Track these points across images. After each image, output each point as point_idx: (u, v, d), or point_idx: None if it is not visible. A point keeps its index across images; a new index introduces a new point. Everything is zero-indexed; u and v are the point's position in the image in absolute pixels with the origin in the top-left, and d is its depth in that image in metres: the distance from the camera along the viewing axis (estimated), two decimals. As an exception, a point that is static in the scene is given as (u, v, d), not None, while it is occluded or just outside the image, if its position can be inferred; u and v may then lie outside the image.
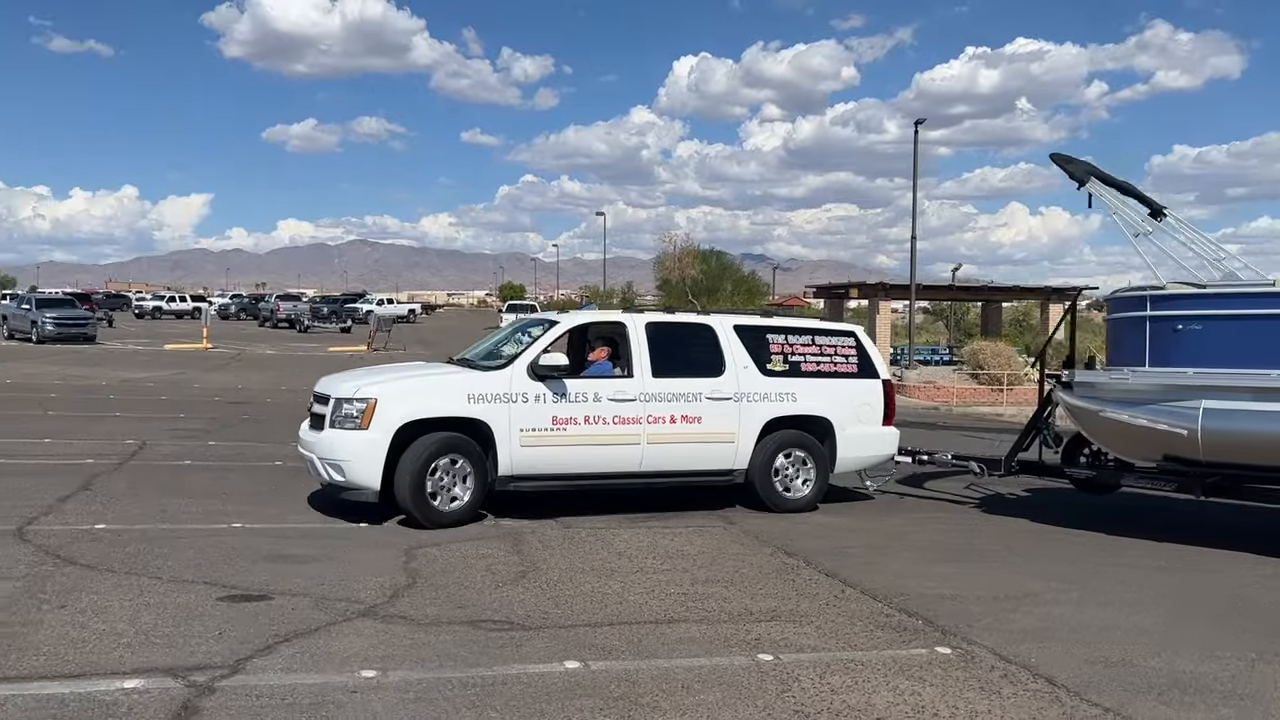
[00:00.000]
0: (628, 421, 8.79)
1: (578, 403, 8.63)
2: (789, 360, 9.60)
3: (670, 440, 8.93)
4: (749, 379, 9.30)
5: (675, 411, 8.95)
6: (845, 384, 9.77)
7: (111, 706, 4.26)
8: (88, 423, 14.14)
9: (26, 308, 37.75)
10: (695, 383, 9.09)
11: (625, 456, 8.84)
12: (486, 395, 8.39)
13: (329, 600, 5.99)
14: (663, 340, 9.18)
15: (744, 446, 9.24)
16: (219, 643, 5.14)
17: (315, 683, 4.64)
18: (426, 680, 4.73)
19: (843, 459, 9.71)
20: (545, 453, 8.56)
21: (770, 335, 9.63)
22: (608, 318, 9.97)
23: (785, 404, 9.40)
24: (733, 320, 9.73)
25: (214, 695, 4.44)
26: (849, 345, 9.96)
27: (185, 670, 4.71)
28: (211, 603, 5.85)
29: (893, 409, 10.03)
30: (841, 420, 9.61)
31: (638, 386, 8.86)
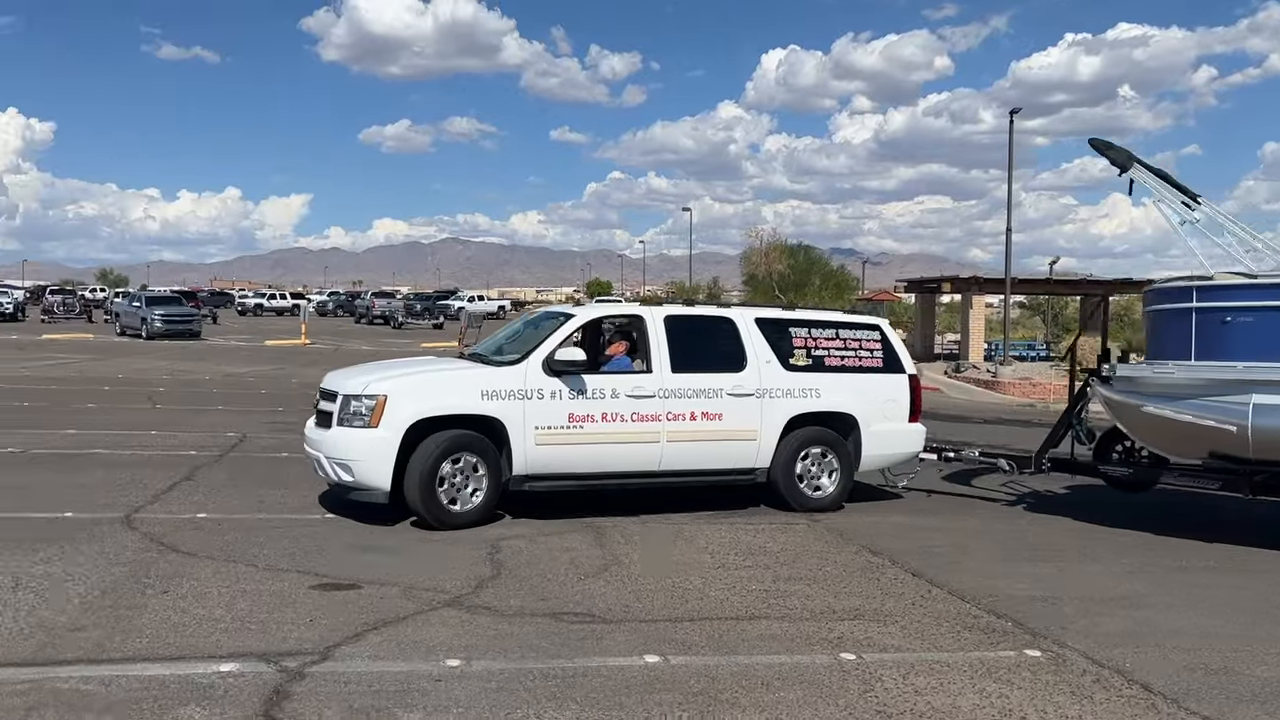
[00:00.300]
0: (646, 419, 8.49)
1: (595, 399, 8.33)
2: (812, 355, 9.28)
3: (690, 438, 8.62)
4: (771, 374, 9.00)
5: (695, 408, 8.66)
6: (870, 379, 9.46)
7: (208, 689, 4.43)
8: (192, 415, 14.70)
9: (137, 305, 39.43)
10: (716, 378, 8.79)
11: (644, 455, 8.53)
12: (500, 391, 8.09)
13: (416, 590, 6.12)
14: (682, 334, 8.87)
15: (766, 444, 8.93)
16: (310, 630, 5.30)
17: (401, 670, 4.74)
18: (509, 670, 4.80)
19: (867, 457, 9.38)
20: (561, 451, 8.27)
21: (793, 329, 9.31)
22: (625, 311, 9.48)
23: (809, 400, 9.10)
24: (754, 313, 9.40)
25: (304, 681, 4.57)
26: (874, 339, 9.63)
27: (278, 656, 4.87)
28: (304, 590, 6.03)
29: (919, 405, 9.70)
30: (866, 417, 9.30)
31: (656, 382, 8.55)
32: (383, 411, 7.80)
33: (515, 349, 8.79)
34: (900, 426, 9.57)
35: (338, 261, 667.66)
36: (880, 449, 9.45)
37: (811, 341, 9.31)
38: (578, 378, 8.30)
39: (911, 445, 9.77)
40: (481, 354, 9.07)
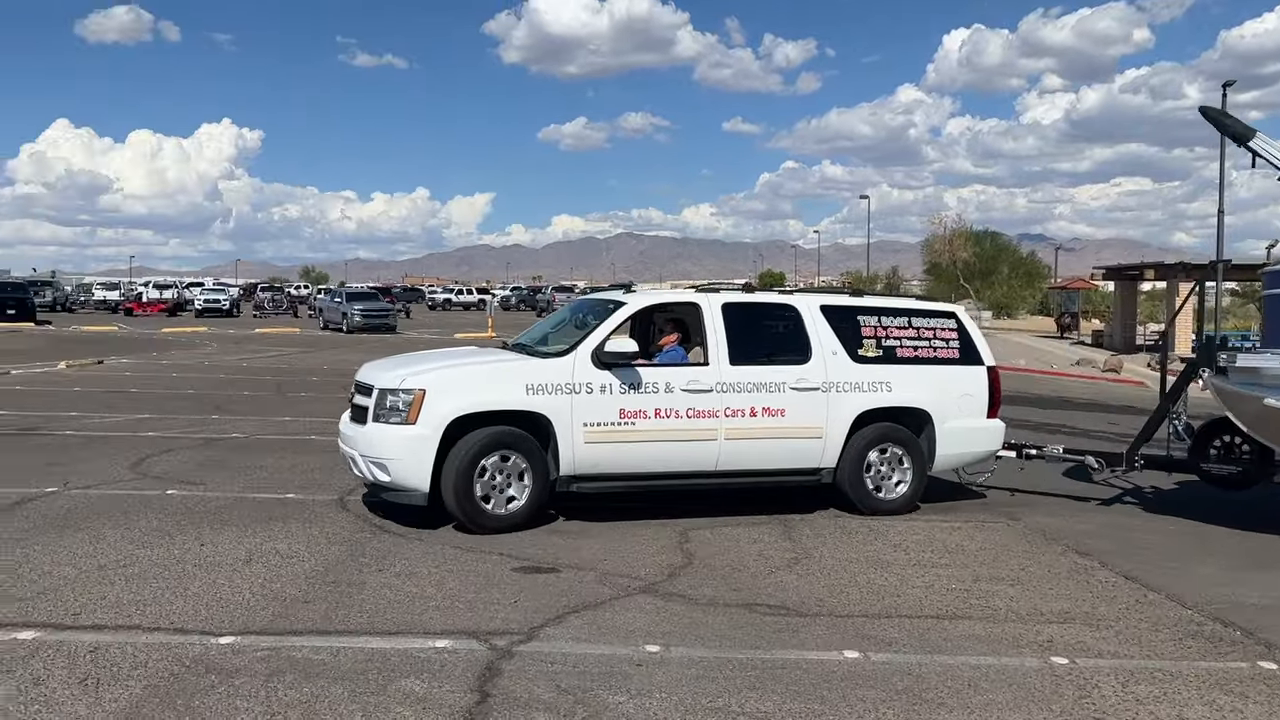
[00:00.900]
0: (703, 415, 7.91)
1: (648, 394, 7.78)
2: (883, 345, 8.60)
3: (751, 435, 8.04)
4: (838, 366, 8.35)
5: (756, 403, 8.04)
6: (945, 371, 8.75)
7: (425, 663, 4.67)
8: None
9: (338, 301, 41.97)
10: (778, 371, 8.18)
11: (700, 454, 7.97)
12: (547, 385, 7.58)
13: (611, 575, 6.26)
14: (741, 323, 8.27)
15: (833, 442, 8.28)
16: (515, 610, 5.50)
17: (603, 653, 4.86)
18: (708, 659, 4.84)
19: (942, 455, 8.68)
20: (612, 449, 7.71)
21: (862, 317, 8.66)
22: (679, 298, 8.77)
23: (879, 394, 8.43)
24: (820, 300, 8.74)
25: (513, 659, 4.76)
26: (950, 328, 8.92)
27: (487, 634, 5.09)
28: (507, 572, 6.27)
29: (998, 399, 8.97)
30: (941, 412, 8.61)
31: (714, 375, 7.97)
32: (421, 407, 7.31)
33: (562, 339, 8.31)
34: (978, 422, 8.86)
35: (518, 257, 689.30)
36: (956, 447, 8.76)
37: (882, 331, 8.66)
38: (630, 370, 7.79)
39: (990, 443, 9.02)
40: (525, 344, 8.60)
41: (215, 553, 6.53)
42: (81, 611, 5.30)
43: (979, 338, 9.07)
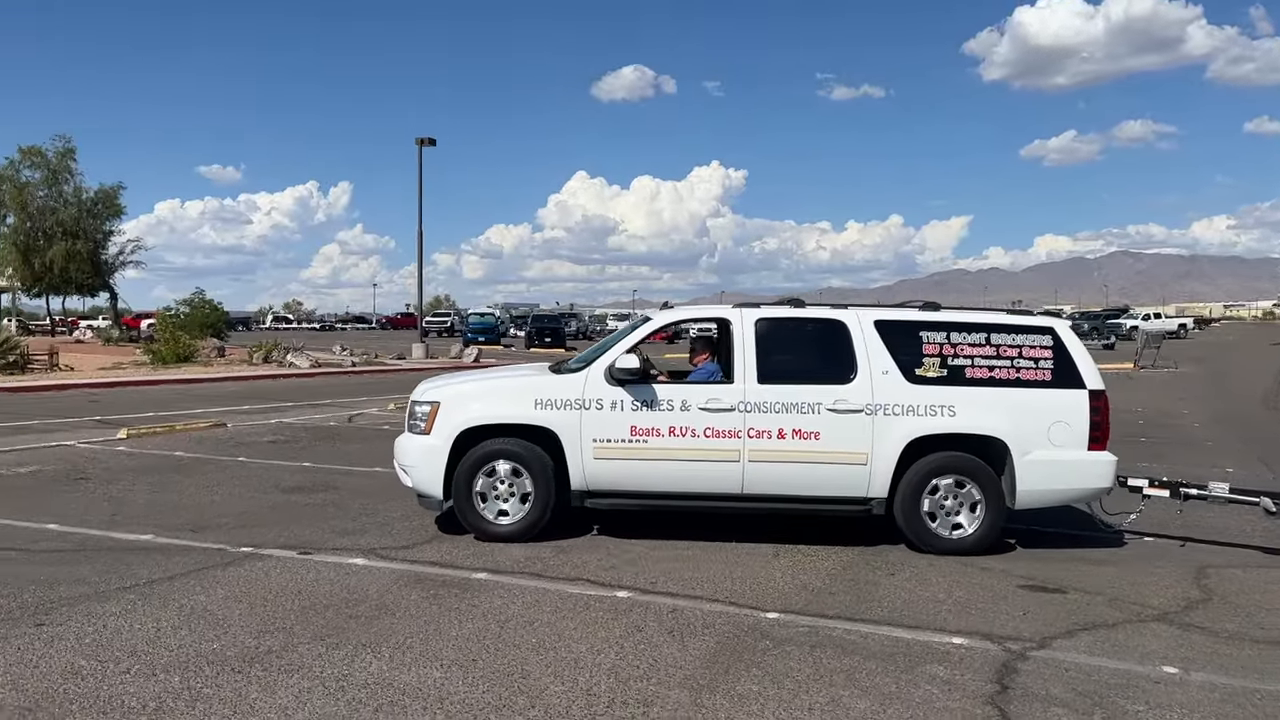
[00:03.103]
0: (723, 435, 7.58)
1: (662, 411, 7.61)
2: (948, 364, 7.68)
3: (779, 459, 7.56)
4: (888, 387, 7.60)
5: (785, 425, 7.56)
6: (1030, 394, 7.66)
7: (945, 655, 5.25)
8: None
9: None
10: (814, 390, 7.61)
11: (721, 475, 7.62)
12: (556, 401, 7.68)
13: (1120, 601, 6.36)
14: (776, 340, 7.83)
15: (880, 470, 7.54)
16: (1025, 621, 5.88)
17: (1118, 668, 5.09)
18: (1233, 686, 4.87)
19: (1024, 492, 7.53)
20: (621, 466, 7.64)
21: (926, 333, 7.77)
22: (709, 314, 8.43)
23: (938, 419, 7.55)
24: (875, 314, 7.94)
25: (1027, 661, 5.17)
26: (1042, 346, 7.76)
27: (1000, 638, 5.54)
28: (1013, 588, 6.63)
29: (1104, 429, 7.65)
30: (1022, 441, 7.52)
31: (737, 394, 7.62)
32: (435, 418, 7.77)
33: (591, 356, 8.18)
34: (1073, 455, 7.59)
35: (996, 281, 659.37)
36: (1042, 482, 7.58)
37: (949, 348, 7.73)
38: (644, 387, 7.69)
39: (1091, 479, 7.67)
40: (568, 363, 8.43)
41: (748, 548, 7.65)
42: (660, 580, 6.60)
43: (1083, 357, 7.85)
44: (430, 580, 6.51)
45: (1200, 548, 8.04)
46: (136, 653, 4.99)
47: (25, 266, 46.32)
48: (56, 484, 10.02)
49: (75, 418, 16.64)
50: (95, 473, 10.77)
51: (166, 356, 31.03)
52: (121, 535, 7.70)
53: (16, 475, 10.50)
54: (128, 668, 4.77)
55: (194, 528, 8.00)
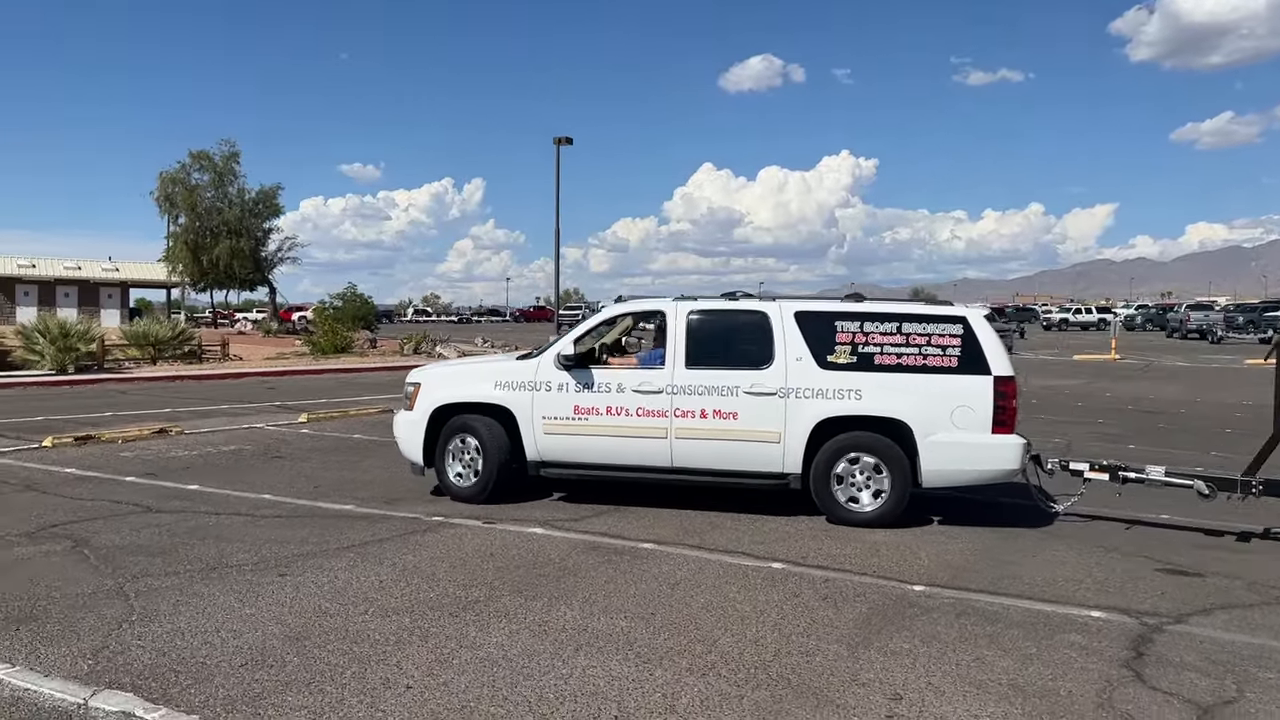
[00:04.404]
0: (652, 414, 8.46)
1: (600, 393, 8.59)
2: (859, 351, 8.28)
3: (702, 436, 8.38)
4: (801, 372, 8.29)
5: (707, 406, 8.36)
6: (935, 380, 8.12)
7: (1083, 625, 5.67)
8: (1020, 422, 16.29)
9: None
10: (734, 375, 8.39)
11: (652, 450, 8.51)
12: (513, 383, 8.83)
13: (1260, 586, 6.60)
14: (705, 330, 8.65)
15: (793, 447, 8.24)
16: (1162, 600, 6.22)
17: (1253, 642, 5.42)
18: (1365, 662, 5.15)
19: (928, 471, 8.08)
20: (567, 440, 8.68)
21: (841, 323, 8.37)
22: (650, 306, 9.27)
23: (845, 402, 8.18)
24: (796, 306, 8.58)
25: (1163, 634, 5.55)
26: (952, 334, 8.19)
27: (1137, 613, 5.91)
28: (1150, 571, 6.94)
29: (1009, 413, 8.03)
30: (926, 423, 8.04)
31: (665, 378, 8.49)
32: (417, 397, 9.17)
33: (550, 344, 9.13)
34: (976, 438, 8.04)
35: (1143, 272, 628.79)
36: (946, 463, 8.09)
37: (861, 336, 8.31)
38: (585, 371, 8.69)
39: (995, 461, 8.08)
40: (539, 348, 9.30)
41: (891, 531, 8.14)
42: (810, 555, 7.19)
43: (993, 346, 8.22)
44: (602, 548, 7.26)
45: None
46: (369, 599, 5.88)
47: (194, 263, 49.79)
48: (257, 461, 11.25)
49: (257, 403, 18.22)
50: (288, 452, 11.99)
51: (325, 347, 33.10)
52: (326, 505, 8.73)
53: (222, 453, 11.81)
54: (364, 610, 5.66)
55: (386, 500, 8.98)
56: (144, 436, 12.99)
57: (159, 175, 50.12)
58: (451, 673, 4.71)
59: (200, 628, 5.29)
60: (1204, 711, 4.46)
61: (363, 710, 4.25)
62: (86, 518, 8.04)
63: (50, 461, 10.92)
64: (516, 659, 4.91)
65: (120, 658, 4.82)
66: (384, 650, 4.99)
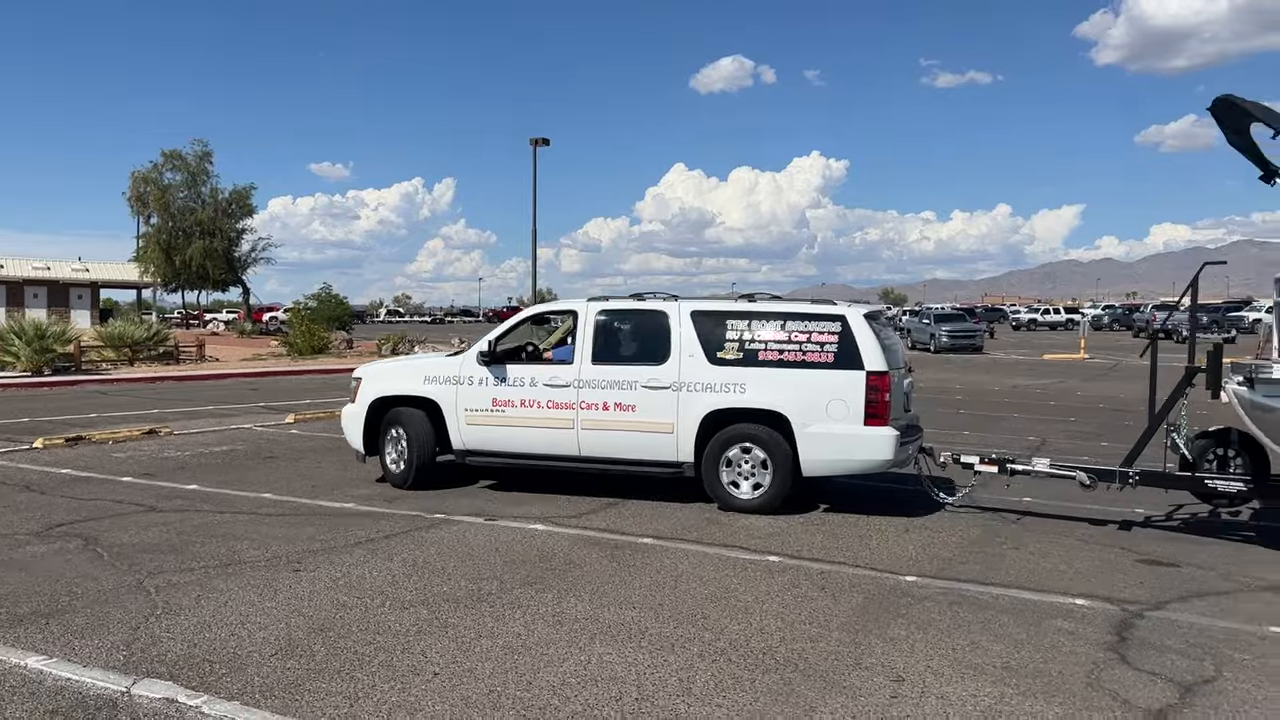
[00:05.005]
0: (561, 407, 9.09)
1: (515, 387, 9.26)
2: (745, 348, 8.76)
3: (604, 427, 8.98)
4: (692, 368, 8.82)
5: (609, 399, 8.95)
6: (811, 375, 8.56)
7: (1069, 612, 5.96)
8: (993, 421, 16.69)
9: (926, 322, 43.75)
10: (633, 370, 8.97)
11: (561, 440, 9.12)
12: (439, 377, 9.55)
13: (1234, 575, 6.93)
14: (610, 328, 9.28)
15: (685, 438, 8.79)
16: (1141, 589, 6.53)
17: (1226, 626, 5.73)
18: (1333, 644, 5.48)
19: (807, 460, 8.53)
20: (486, 431, 9.38)
21: (731, 321, 8.91)
22: (563, 306, 10.00)
23: (730, 395, 8.68)
24: (692, 306, 9.12)
25: (1143, 620, 5.85)
26: (830, 332, 8.63)
27: (1118, 600, 6.22)
28: (1129, 563, 7.26)
29: (880, 406, 8.40)
30: (803, 415, 8.50)
31: (573, 373, 9.11)
32: (358, 390, 10.01)
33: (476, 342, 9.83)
34: (848, 429, 8.45)
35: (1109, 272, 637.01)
36: (822, 453, 8.53)
37: (748, 334, 8.82)
38: (501, 367, 9.38)
39: (868, 451, 8.48)
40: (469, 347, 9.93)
41: (881, 524, 8.42)
42: (804, 548, 7.45)
43: (868, 342, 8.55)
44: (604, 543, 7.48)
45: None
46: (384, 592, 6.07)
47: (167, 264, 49.48)
48: (251, 461, 11.37)
49: (242, 404, 18.28)
50: (280, 452, 12.12)
51: (303, 348, 33.07)
52: (327, 503, 8.90)
53: (214, 453, 11.92)
54: (381, 602, 5.85)
55: (386, 499, 9.16)
56: (134, 437, 13.06)
57: (131, 175, 49.95)
58: (475, 660, 4.92)
59: (225, 620, 5.47)
60: (1185, 690, 4.75)
61: (395, 695, 4.45)
62: (92, 517, 8.16)
63: (44, 463, 10.99)
64: (536, 647, 5.13)
65: (153, 649, 4.99)
66: (407, 640, 5.20)
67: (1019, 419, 17.11)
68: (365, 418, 9.88)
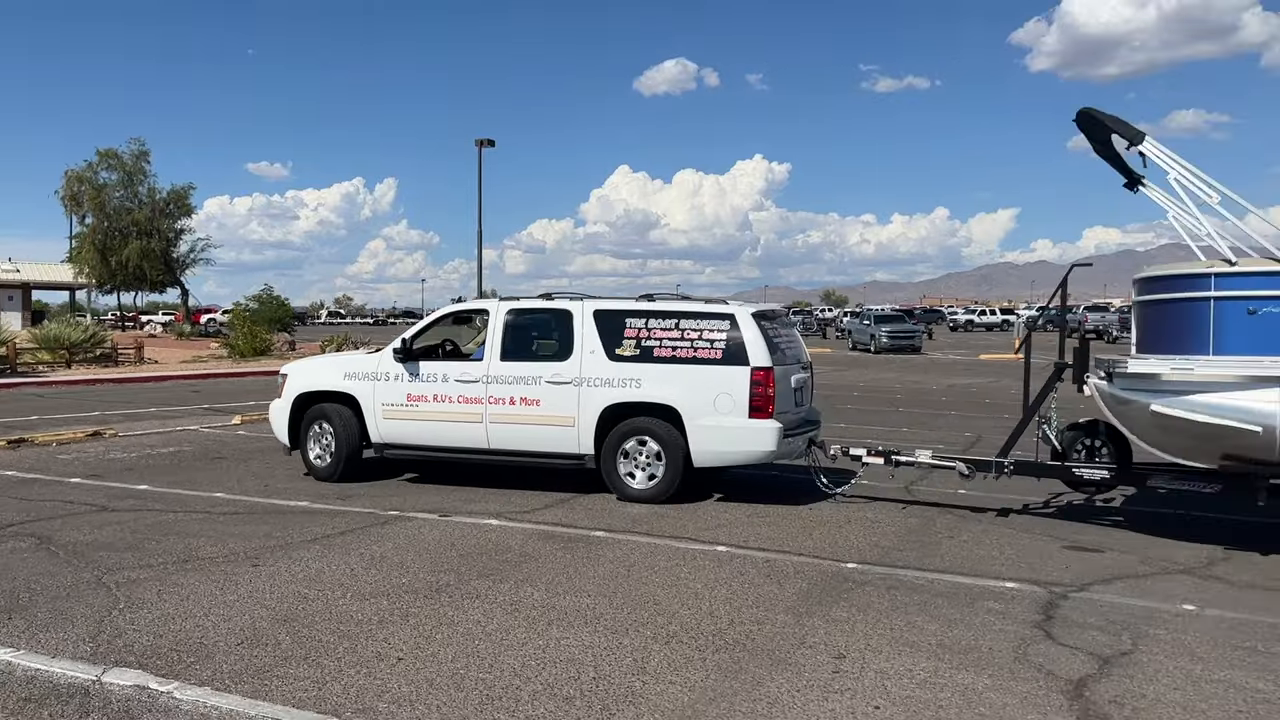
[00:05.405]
0: (471, 401, 9.49)
1: (428, 382, 9.65)
2: (642, 345, 9.20)
3: (511, 421, 9.38)
4: (593, 364, 9.24)
5: (515, 394, 9.38)
6: (701, 371, 8.98)
7: (1000, 594, 6.31)
8: (931, 418, 17.19)
9: (866, 323, 44.56)
10: (538, 366, 9.41)
11: (471, 434, 9.53)
12: (359, 373, 9.93)
13: (1151, 559, 7.37)
14: (519, 326, 9.72)
15: (585, 431, 9.19)
16: (1066, 573, 6.92)
17: (1145, 605, 6.13)
18: (1239, 619, 5.89)
19: (698, 451, 8.95)
20: (402, 425, 9.75)
21: (630, 319, 9.33)
22: (476, 306, 10.40)
23: (627, 390, 9.11)
24: (595, 305, 9.52)
25: (1068, 601, 6.22)
26: (720, 330, 9.06)
27: (1046, 583, 6.59)
28: (1057, 549, 7.66)
29: (764, 400, 8.82)
30: (693, 409, 8.93)
31: (482, 369, 9.53)
32: (284, 386, 10.35)
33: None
34: (735, 421, 8.87)
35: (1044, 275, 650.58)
36: (711, 444, 8.95)
37: (645, 332, 9.24)
38: (415, 364, 9.76)
39: (754, 443, 8.89)
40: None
41: (823, 514, 8.75)
42: (750, 539, 7.74)
43: (755, 340, 8.96)
44: (558, 536, 7.70)
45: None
46: (344, 585, 6.22)
47: (103, 265, 48.49)
48: (199, 462, 11.37)
49: (185, 405, 18.13)
50: (228, 453, 12.12)
51: (245, 350, 32.70)
52: (280, 502, 8.98)
53: (162, 455, 11.89)
54: (342, 594, 6.01)
55: (340, 496, 9.26)
56: (78, 439, 12.95)
57: (65, 174, 48.85)
58: (436, 646, 5.11)
59: (189, 613, 5.58)
60: (1104, 662, 5.10)
61: (362, 679, 4.63)
62: (43, 517, 8.16)
63: (-12, 464, 10.88)
64: (495, 633, 5.33)
65: (119, 640, 5.10)
66: (369, 629, 5.37)
67: (955, 417, 17.64)
68: (290, 412, 10.25)
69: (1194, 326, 7.57)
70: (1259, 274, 7.36)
